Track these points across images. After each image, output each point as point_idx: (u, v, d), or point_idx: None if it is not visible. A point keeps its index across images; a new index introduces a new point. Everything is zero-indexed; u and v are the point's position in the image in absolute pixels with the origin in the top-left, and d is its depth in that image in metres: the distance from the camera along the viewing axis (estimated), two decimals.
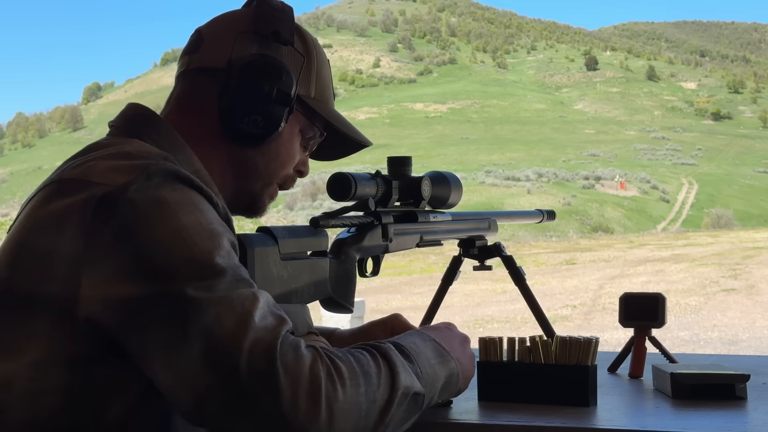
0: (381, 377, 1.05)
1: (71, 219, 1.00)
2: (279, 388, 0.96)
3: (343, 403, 0.99)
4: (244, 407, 0.96)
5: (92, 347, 1.00)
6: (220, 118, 1.21)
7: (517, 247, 26.41)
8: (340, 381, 1.00)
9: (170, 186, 1.02)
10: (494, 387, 1.36)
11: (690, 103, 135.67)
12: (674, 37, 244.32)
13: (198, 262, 0.99)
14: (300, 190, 43.95)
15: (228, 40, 1.22)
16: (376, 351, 1.08)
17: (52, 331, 0.99)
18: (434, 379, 1.15)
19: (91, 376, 1.00)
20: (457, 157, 70.86)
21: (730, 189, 59.84)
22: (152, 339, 0.97)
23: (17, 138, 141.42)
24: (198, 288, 0.97)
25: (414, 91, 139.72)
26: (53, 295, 0.99)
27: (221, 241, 1.02)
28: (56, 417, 1.00)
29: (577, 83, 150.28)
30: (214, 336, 0.96)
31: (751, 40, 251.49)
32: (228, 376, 0.96)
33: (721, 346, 10.52)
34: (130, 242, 0.98)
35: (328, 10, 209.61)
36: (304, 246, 1.36)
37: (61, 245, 1.00)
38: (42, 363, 0.99)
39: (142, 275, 0.97)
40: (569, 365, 1.31)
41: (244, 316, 0.98)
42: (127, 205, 0.99)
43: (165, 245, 0.98)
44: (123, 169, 1.03)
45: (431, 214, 1.68)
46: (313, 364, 0.98)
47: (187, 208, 1.02)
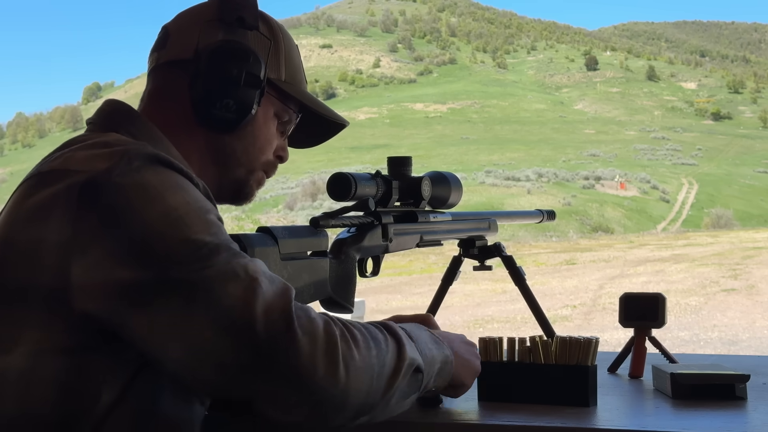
0: (389, 346, 1.08)
1: (56, 208, 1.00)
2: (298, 348, 0.98)
3: (359, 362, 1.02)
4: (265, 370, 0.98)
5: (86, 335, 1.00)
6: (193, 107, 1.22)
7: (517, 247, 26.41)
8: (354, 342, 1.03)
9: (152, 168, 1.03)
10: (494, 387, 1.36)
11: (690, 103, 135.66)
12: (674, 37, 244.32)
13: (193, 242, 0.99)
14: (300, 190, 43.97)
15: (194, 30, 1.23)
16: (382, 325, 1.12)
17: (46, 321, 0.99)
18: (432, 360, 1.17)
19: (84, 364, 1.00)
20: (457, 157, 70.86)
21: (730, 189, 59.83)
22: (157, 321, 0.98)
23: (17, 138, 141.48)
24: (197, 267, 0.98)
25: (414, 91, 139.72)
26: (44, 285, 0.99)
27: (211, 218, 1.04)
28: (50, 405, 1.00)
29: (577, 83, 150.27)
30: (224, 306, 0.97)
31: (751, 40, 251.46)
32: (246, 342, 0.97)
33: (721, 346, 10.52)
34: (119, 226, 0.98)
35: (328, 10, 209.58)
36: (304, 246, 1.36)
37: (47, 234, 1.00)
38: (35, 353, 0.99)
39: (137, 260, 0.97)
40: (569, 365, 1.31)
41: (250, 283, 0.99)
42: (111, 189, 1.00)
43: (157, 228, 0.99)
44: (102, 156, 1.04)
45: (431, 214, 1.68)
46: (326, 326, 1.02)
47: (173, 189, 1.02)
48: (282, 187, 52.40)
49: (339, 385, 1.00)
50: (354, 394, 1.02)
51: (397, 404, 1.11)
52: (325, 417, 1.02)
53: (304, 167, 63.71)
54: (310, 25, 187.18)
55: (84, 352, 1.00)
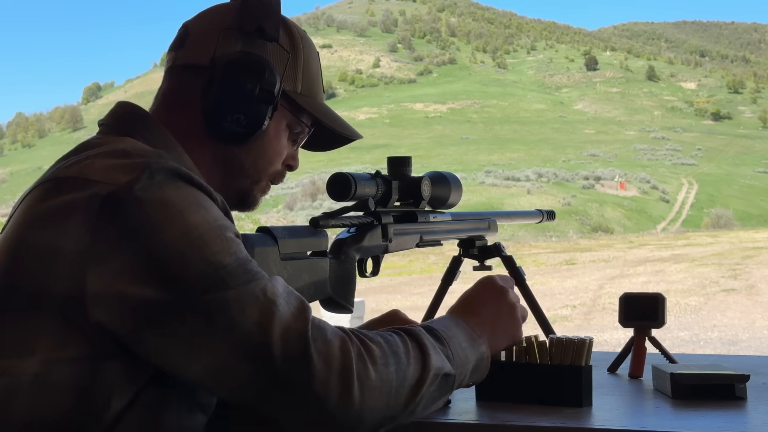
0: (410, 357, 1.08)
1: (74, 216, 1.00)
2: (313, 373, 0.99)
3: (375, 381, 1.03)
4: (282, 393, 1.00)
5: (101, 343, 1.00)
6: (204, 117, 1.21)
7: (517, 247, 26.41)
8: (370, 360, 1.04)
9: (174, 184, 1.03)
10: (492, 387, 1.35)
11: (690, 103, 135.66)
12: (674, 37, 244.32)
13: (212, 264, 1.00)
14: (300, 190, 43.97)
15: (212, 36, 1.22)
16: (405, 333, 1.12)
17: (61, 329, 0.99)
18: (465, 361, 1.18)
19: (98, 372, 1.00)
20: (457, 157, 70.85)
21: (730, 189, 59.84)
22: (174, 343, 0.99)
23: (17, 138, 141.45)
24: (216, 289, 0.99)
25: (414, 91, 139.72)
26: (59, 293, 0.99)
27: (230, 236, 1.04)
28: (62, 411, 1.00)
29: (577, 83, 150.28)
30: (242, 329, 0.99)
31: (751, 40, 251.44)
32: (263, 367, 0.99)
33: (721, 346, 10.52)
34: (139, 242, 0.98)
35: (328, 10, 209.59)
36: (304, 246, 1.36)
37: (64, 242, 0.99)
38: (49, 360, 0.99)
39: (156, 279, 0.98)
40: (563, 365, 1.31)
41: (268, 306, 1.00)
42: (133, 205, 0.99)
43: (177, 247, 0.99)
44: (123, 167, 1.03)
45: (431, 214, 1.68)
46: (343, 345, 1.03)
47: (193, 207, 1.02)
48: (282, 187, 52.35)
49: (354, 407, 1.02)
50: (369, 414, 1.03)
51: (425, 409, 1.12)
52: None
53: (304, 167, 63.66)
54: (310, 25, 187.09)
55: (99, 359, 1.00)
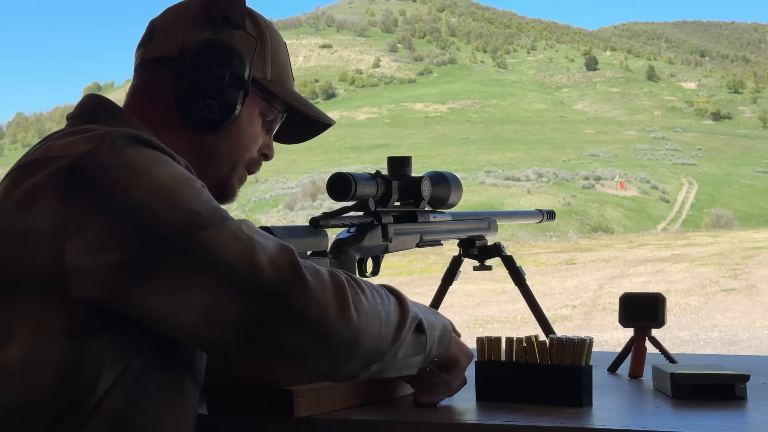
0: (390, 299, 1.12)
1: (42, 194, 1.01)
2: (309, 291, 1.00)
3: (367, 307, 1.06)
4: (276, 317, 0.99)
5: (85, 318, 1.00)
6: (177, 106, 1.22)
7: (517, 247, 26.40)
8: (359, 288, 1.07)
9: (134, 148, 1.04)
10: (492, 387, 1.36)
11: (690, 103, 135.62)
12: (674, 37, 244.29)
13: (186, 212, 1.01)
14: (300, 190, 43.96)
15: (179, 28, 1.23)
16: (383, 286, 1.15)
17: (43, 306, 1.00)
18: (432, 325, 1.20)
19: (83, 349, 1.01)
20: (457, 157, 70.84)
21: (730, 189, 59.81)
22: (162, 294, 0.99)
23: (17, 138, 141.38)
24: (193, 237, 1.00)
25: (414, 91, 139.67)
26: (39, 272, 1.00)
27: (197, 185, 1.05)
28: (50, 394, 1.00)
29: (577, 83, 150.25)
30: (227, 263, 0.99)
31: (751, 40, 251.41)
32: (253, 292, 0.99)
33: (721, 346, 10.52)
34: (110, 205, 0.99)
35: (328, 10, 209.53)
36: (304, 246, 1.36)
37: (36, 221, 1.00)
38: (35, 340, 1.00)
39: (134, 239, 0.98)
40: (563, 365, 1.31)
41: (248, 240, 1.01)
42: (97, 170, 1.00)
43: (148, 204, 1.00)
44: (83, 140, 1.05)
45: (431, 214, 1.68)
46: (332, 272, 1.05)
47: (158, 164, 1.04)
48: (282, 187, 52.38)
49: (351, 327, 1.03)
50: (365, 337, 1.05)
51: (405, 361, 1.13)
52: (339, 362, 1.05)
53: (304, 167, 63.71)
54: (310, 25, 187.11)
55: (83, 335, 1.01)
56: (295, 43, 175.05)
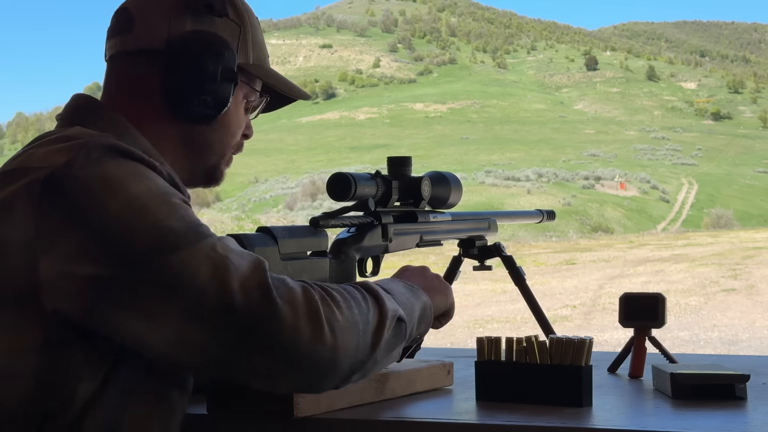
0: (368, 302, 1.10)
1: (17, 205, 1.00)
2: (281, 318, 0.98)
3: (343, 322, 1.04)
4: (248, 344, 0.98)
5: (60, 331, 1.00)
6: (168, 100, 1.20)
7: (517, 247, 26.39)
8: (334, 304, 1.04)
9: (112, 160, 1.03)
10: (492, 387, 1.36)
11: (690, 103, 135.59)
12: (674, 37, 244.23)
13: (159, 229, 0.99)
14: (300, 190, 43.95)
15: (162, 18, 1.19)
16: (359, 284, 1.14)
17: (17, 320, 0.99)
18: (411, 309, 1.19)
19: (59, 360, 1.00)
20: (457, 157, 70.83)
21: (730, 189, 59.80)
22: (133, 313, 0.98)
23: (17, 138, 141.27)
24: (166, 255, 0.98)
25: (414, 91, 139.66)
26: (12, 285, 0.99)
27: (175, 201, 1.04)
28: (24, 402, 1.00)
29: (577, 83, 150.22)
30: (197, 287, 0.98)
31: (751, 40, 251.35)
32: (225, 319, 0.97)
33: (721, 346, 10.52)
34: (84, 220, 0.98)
35: (328, 10, 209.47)
36: (304, 246, 1.36)
37: (11, 233, 1.00)
38: (10, 351, 0.99)
39: (107, 254, 0.98)
40: (563, 365, 1.31)
41: (222, 261, 1.00)
42: (73, 183, 0.99)
43: (122, 219, 0.99)
44: (60, 150, 1.04)
45: (431, 214, 1.68)
46: (305, 291, 1.02)
47: (135, 178, 1.02)
48: (282, 187, 52.37)
49: (326, 348, 1.01)
50: (343, 354, 1.03)
51: (386, 357, 1.13)
52: (317, 381, 1.04)
53: (304, 167, 63.70)
54: (310, 25, 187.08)
55: (59, 347, 1.00)
56: (295, 43, 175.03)
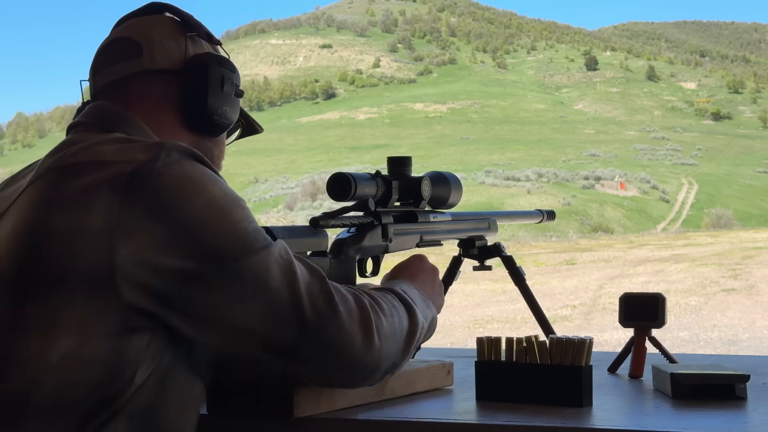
0: (403, 312, 1.23)
1: (99, 195, 1.04)
2: (341, 323, 1.11)
3: (388, 329, 1.17)
4: (311, 344, 1.09)
5: (131, 318, 1.04)
6: (188, 113, 1.27)
7: (517, 247, 26.40)
8: (381, 311, 1.17)
9: (189, 162, 1.10)
10: (492, 387, 1.36)
11: (690, 103, 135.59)
12: (674, 37, 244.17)
13: (237, 230, 1.08)
14: (300, 190, 43.97)
15: (175, 42, 1.28)
16: (394, 293, 1.26)
17: (89, 305, 1.02)
18: (425, 319, 1.31)
19: (127, 346, 1.04)
20: (457, 157, 70.84)
21: (730, 189, 59.82)
22: (210, 309, 1.06)
23: (17, 138, 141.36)
24: (243, 255, 1.07)
25: (414, 91, 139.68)
26: (87, 271, 1.02)
27: (244, 205, 1.13)
28: (92, 388, 1.03)
29: (577, 83, 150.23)
30: (272, 289, 1.08)
31: (751, 40, 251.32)
32: (295, 320, 1.08)
33: (721, 346, 10.52)
34: (167, 215, 1.04)
35: (328, 10, 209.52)
36: (303, 246, 1.36)
37: (90, 221, 1.03)
38: (79, 336, 1.02)
39: (186, 249, 1.04)
40: (563, 365, 1.31)
41: (288, 265, 1.11)
42: (158, 180, 1.05)
43: (203, 218, 1.06)
44: (138, 148, 1.09)
45: (431, 214, 1.68)
46: (357, 299, 1.15)
47: (212, 181, 1.10)
48: (282, 187, 52.39)
49: (374, 352, 1.14)
50: (385, 359, 1.17)
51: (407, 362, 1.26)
52: (361, 380, 1.17)
53: (304, 167, 63.73)
54: (310, 25, 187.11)
55: (127, 334, 1.04)
56: (295, 43, 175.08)
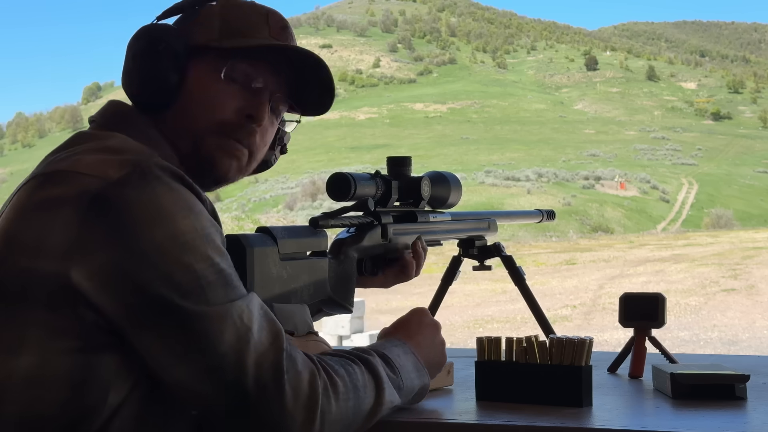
0: (367, 390, 1.13)
1: (63, 209, 1.01)
2: (283, 402, 1.02)
3: (335, 416, 1.07)
4: (247, 416, 1.02)
5: (95, 336, 1.01)
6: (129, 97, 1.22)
7: (517, 247, 26.40)
8: (334, 395, 1.07)
9: (166, 185, 1.03)
10: (492, 387, 1.36)
11: (690, 103, 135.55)
12: (674, 37, 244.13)
13: (194, 271, 1.01)
14: (300, 190, 43.98)
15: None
16: (365, 365, 1.15)
17: (49, 321, 1.00)
18: (411, 390, 1.23)
19: (92, 365, 1.01)
20: (457, 157, 70.82)
21: (730, 189, 59.82)
22: (153, 342, 1.01)
23: (17, 138, 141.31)
24: (195, 300, 1.00)
25: (414, 91, 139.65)
26: (46, 286, 0.99)
27: (216, 245, 1.05)
28: (54, 407, 1.00)
29: (577, 83, 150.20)
30: (218, 352, 1.00)
31: (751, 40, 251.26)
32: (234, 391, 1.01)
33: (721, 346, 10.53)
34: (126, 240, 0.99)
35: (328, 10, 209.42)
36: (303, 246, 1.36)
37: (50, 235, 1.00)
38: (43, 353, 1.00)
39: (139, 276, 0.99)
40: (563, 365, 1.31)
41: (245, 332, 1.02)
42: (123, 203, 1.00)
43: (162, 249, 1.00)
44: (113, 163, 1.04)
45: (431, 214, 1.68)
46: (312, 379, 1.05)
47: (183, 212, 1.03)
48: (282, 187, 52.39)
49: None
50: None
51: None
52: None
53: (304, 167, 63.71)
54: (310, 25, 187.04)
55: (92, 351, 1.01)
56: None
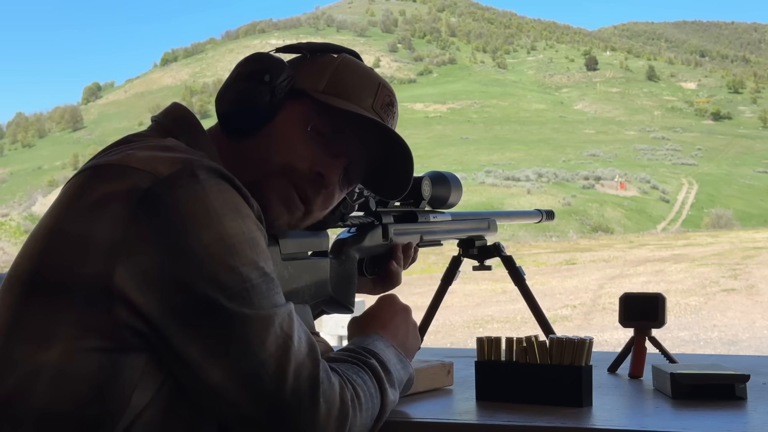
0: (376, 398, 1.16)
1: (112, 204, 1.01)
2: (318, 414, 1.04)
3: (359, 426, 1.10)
4: (276, 427, 1.03)
5: (123, 337, 1.00)
6: (219, 120, 1.24)
7: (517, 247, 26.40)
8: (359, 407, 1.11)
9: (216, 185, 1.04)
10: (492, 387, 1.36)
11: (690, 103, 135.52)
12: (674, 37, 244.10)
13: (239, 274, 1.02)
14: None
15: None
16: (372, 372, 1.18)
17: (84, 318, 1.00)
18: (400, 383, 1.25)
19: (118, 366, 1.00)
20: (457, 157, 70.83)
21: (730, 189, 59.84)
22: (194, 343, 1.01)
23: (17, 138, 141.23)
24: (240, 302, 1.01)
25: (414, 91, 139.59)
26: (86, 282, 0.99)
27: (262, 249, 1.06)
28: (77, 406, 1.00)
29: (577, 83, 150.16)
30: (258, 358, 1.02)
31: (751, 40, 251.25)
32: (270, 400, 1.02)
33: (721, 346, 10.53)
34: (173, 240, 1.00)
35: (328, 10, 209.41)
36: (304, 246, 1.36)
37: (97, 231, 1.00)
38: (70, 350, 0.99)
39: (185, 276, 0.99)
40: (563, 366, 1.31)
41: (285, 341, 1.04)
42: (172, 202, 1.01)
43: (209, 250, 1.00)
44: (164, 160, 1.04)
45: (431, 214, 1.68)
46: (342, 392, 1.08)
47: (231, 214, 1.04)
48: None
49: None
50: None
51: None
52: None
53: None
54: (310, 25, 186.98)
55: (121, 352, 1.01)
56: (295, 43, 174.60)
